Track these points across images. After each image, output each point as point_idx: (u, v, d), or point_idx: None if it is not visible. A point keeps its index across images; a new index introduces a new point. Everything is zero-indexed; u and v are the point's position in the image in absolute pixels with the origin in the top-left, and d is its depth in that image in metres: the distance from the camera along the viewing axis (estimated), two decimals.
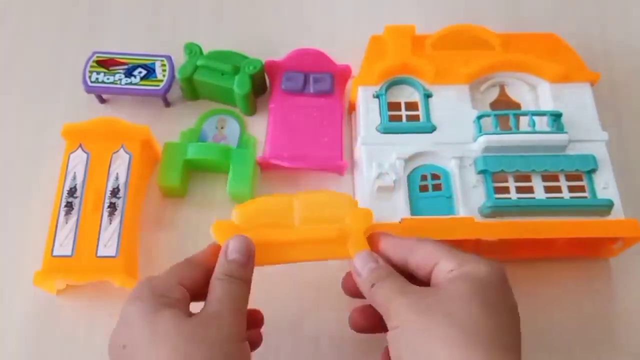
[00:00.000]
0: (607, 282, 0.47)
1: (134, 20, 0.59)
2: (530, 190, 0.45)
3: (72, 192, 0.45)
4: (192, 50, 0.53)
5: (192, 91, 0.53)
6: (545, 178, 0.45)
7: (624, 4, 0.60)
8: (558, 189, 0.45)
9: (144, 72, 0.52)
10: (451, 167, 0.45)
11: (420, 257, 0.35)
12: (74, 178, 0.46)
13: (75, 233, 0.44)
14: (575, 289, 0.46)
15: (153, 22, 0.59)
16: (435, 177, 0.45)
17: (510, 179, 0.45)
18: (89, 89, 0.52)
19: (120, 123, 0.48)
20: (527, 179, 0.45)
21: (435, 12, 0.59)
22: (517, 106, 0.50)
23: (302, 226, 0.38)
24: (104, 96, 0.54)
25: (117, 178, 0.46)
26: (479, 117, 0.46)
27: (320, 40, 0.54)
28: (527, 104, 0.50)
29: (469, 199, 0.44)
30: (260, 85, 0.53)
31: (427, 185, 0.45)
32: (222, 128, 0.53)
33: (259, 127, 0.53)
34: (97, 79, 0.52)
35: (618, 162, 0.48)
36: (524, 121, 0.47)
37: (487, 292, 0.32)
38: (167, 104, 0.54)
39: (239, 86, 0.51)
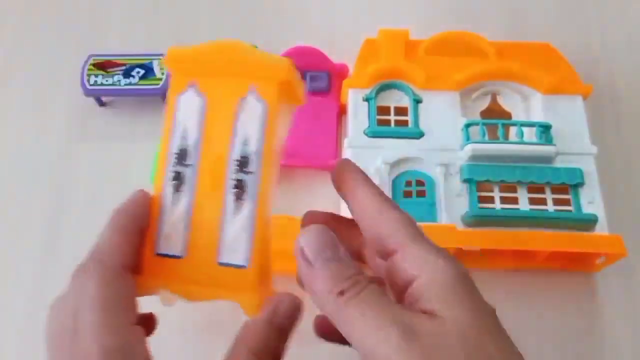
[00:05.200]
0: (590, 297, 0.46)
1: (132, 20, 0.59)
2: (515, 201, 0.45)
3: (182, 156, 0.29)
4: None
5: None
6: (530, 189, 0.45)
7: (624, 12, 0.59)
8: (543, 201, 0.44)
9: (142, 71, 0.52)
10: (436, 174, 0.45)
11: (383, 231, 0.26)
12: (185, 135, 0.29)
13: (187, 222, 0.28)
14: (556, 303, 0.46)
15: (152, 22, 0.59)
16: (419, 183, 0.45)
17: (496, 189, 0.45)
18: (88, 92, 0.52)
19: (250, 51, 0.30)
20: (513, 189, 0.45)
21: (437, 17, 0.59)
22: (507, 116, 0.49)
23: None
24: (103, 99, 0.54)
25: (245, 141, 0.29)
26: (467, 125, 0.46)
27: (319, 39, 0.54)
28: (518, 114, 0.49)
29: (453, 207, 0.44)
30: None
31: (411, 191, 0.45)
32: None
33: None
34: (95, 81, 0.52)
35: (610, 175, 0.47)
36: (513, 131, 0.47)
37: (479, 307, 0.24)
38: None
39: None
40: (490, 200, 0.44)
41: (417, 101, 0.48)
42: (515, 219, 0.43)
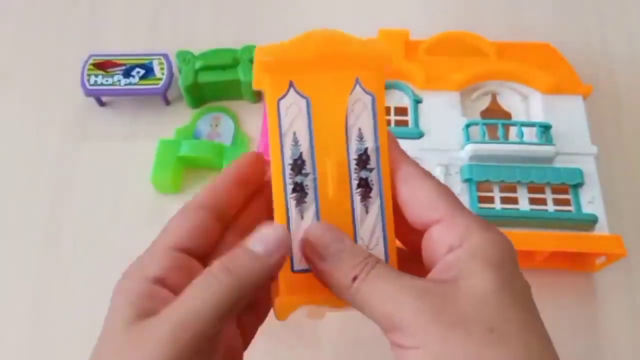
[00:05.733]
0: (590, 297, 0.46)
1: (132, 20, 0.59)
2: (515, 201, 0.45)
3: (298, 165, 0.27)
4: (186, 57, 0.53)
5: (196, 97, 0.54)
6: (530, 190, 0.45)
7: (625, 13, 0.59)
8: (543, 202, 0.44)
9: (142, 71, 0.52)
10: (436, 174, 0.45)
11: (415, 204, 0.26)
12: (296, 142, 0.27)
13: None
14: (556, 303, 0.46)
15: (152, 22, 0.59)
16: None
17: (496, 189, 0.45)
18: (88, 92, 0.52)
19: (347, 41, 0.27)
20: (513, 189, 0.45)
21: (437, 17, 0.59)
22: (507, 116, 0.49)
23: None
24: (103, 98, 0.54)
25: (361, 137, 0.27)
26: (468, 126, 0.46)
27: None
28: (518, 114, 0.49)
29: None
30: None
31: None
32: (216, 126, 0.53)
33: (259, 121, 0.53)
34: (95, 81, 0.52)
35: (610, 175, 0.47)
36: (513, 131, 0.47)
37: (510, 280, 0.24)
38: (167, 102, 0.54)
39: (245, 74, 0.52)
40: (490, 200, 0.44)
41: (417, 101, 0.48)
42: (515, 219, 0.43)
